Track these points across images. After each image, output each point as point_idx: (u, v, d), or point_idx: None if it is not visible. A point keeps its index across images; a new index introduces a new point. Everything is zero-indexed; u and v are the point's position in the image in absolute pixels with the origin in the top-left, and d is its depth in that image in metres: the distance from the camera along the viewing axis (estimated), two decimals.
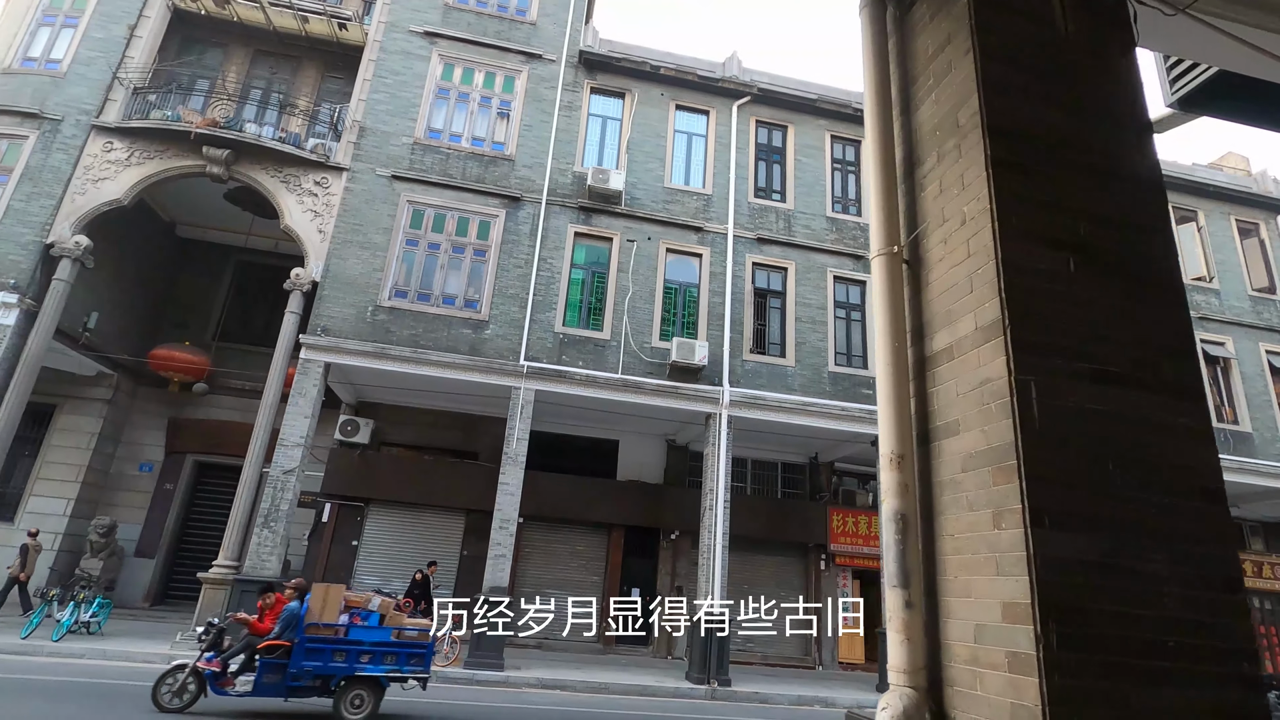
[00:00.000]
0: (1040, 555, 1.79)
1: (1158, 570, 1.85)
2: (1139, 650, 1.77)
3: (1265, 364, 17.33)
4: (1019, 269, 2.07)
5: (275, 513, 11.84)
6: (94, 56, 13.76)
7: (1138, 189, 2.29)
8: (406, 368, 13.06)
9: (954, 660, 2.03)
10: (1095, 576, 1.81)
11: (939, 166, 2.46)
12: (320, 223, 13.56)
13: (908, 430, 2.31)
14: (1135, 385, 2.03)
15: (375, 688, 7.86)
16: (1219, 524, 1.95)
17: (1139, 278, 2.17)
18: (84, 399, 15.09)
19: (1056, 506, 1.85)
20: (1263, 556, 19.31)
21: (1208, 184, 18.70)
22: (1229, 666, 1.81)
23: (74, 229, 12.71)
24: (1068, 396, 1.96)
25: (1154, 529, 1.89)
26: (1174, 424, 2.02)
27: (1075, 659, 1.72)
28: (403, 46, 15.13)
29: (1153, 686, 1.74)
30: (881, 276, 2.49)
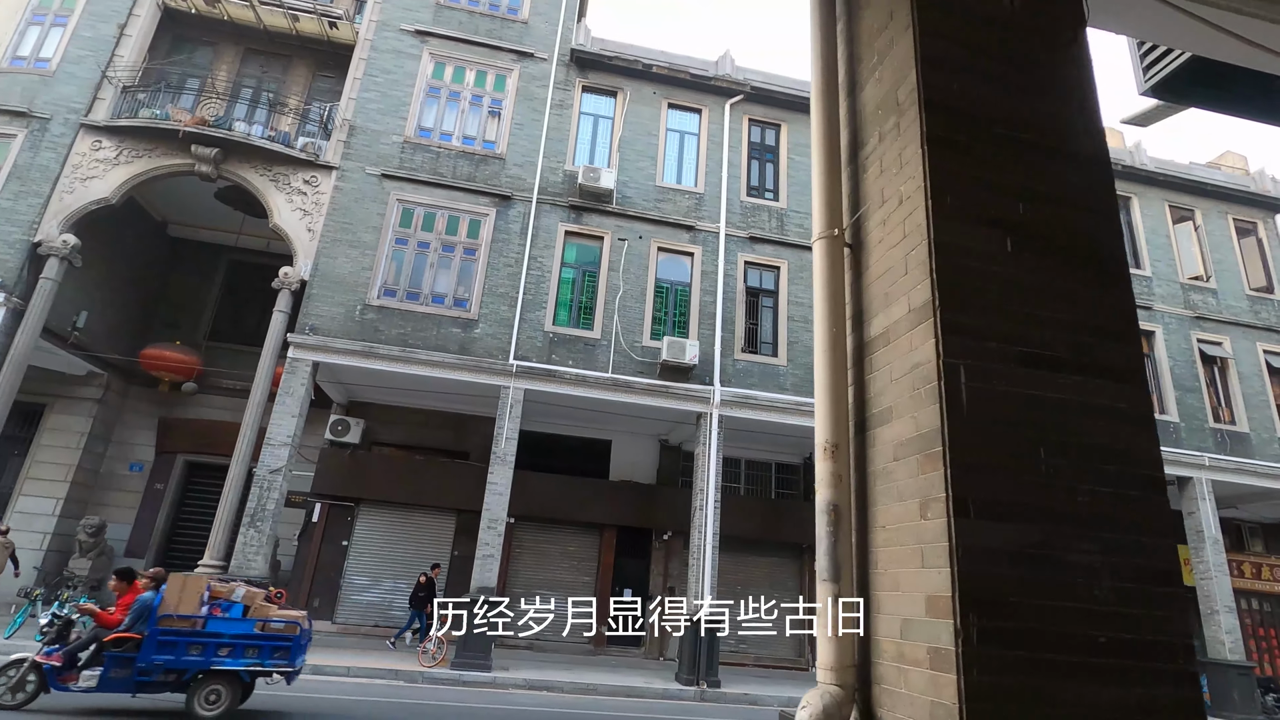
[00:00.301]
0: (962, 546, 1.71)
1: (1089, 562, 1.76)
2: (1066, 645, 1.68)
3: (1263, 364, 17.19)
4: (952, 249, 1.99)
5: (261, 512, 11.78)
6: (83, 55, 13.74)
7: (1083, 168, 2.20)
8: (395, 367, 12.99)
9: (882, 657, 1.95)
10: (1021, 568, 1.72)
11: (880, 146, 2.38)
12: (309, 221, 13.51)
13: (843, 419, 2.23)
14: (1073, 369, 1.95)
15: (235, 682, 7.48)
16: (1157, 513, 1.86)
17: (1081, 258, 2.09)
18: (74, 398, 15.04)
19: (982, 495, 1.76)
20: (1262, 558, 19.16)
21: (1205, 183, 18.57)
22: (1163, 662, 1.72)
23: (62, 227, 12.68)
24: (1000, 380, 1.88)
25: (1087, 518, 1.80)
26: (1112, 409, 1.93)
27: (996, 654, 1.64)
28: (394, 45, 15.09)
29: (1080, 683, 1.66)
30: (821, 260, 2.41)
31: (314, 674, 10.84)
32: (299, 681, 10.17)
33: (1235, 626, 14.73)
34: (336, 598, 14.71)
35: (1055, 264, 2.06)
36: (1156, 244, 17.78)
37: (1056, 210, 2.12)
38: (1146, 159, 18.42)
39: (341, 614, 14.62)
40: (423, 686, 10.90)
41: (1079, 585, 1.75)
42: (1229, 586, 15.01)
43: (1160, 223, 18.05)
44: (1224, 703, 14.27)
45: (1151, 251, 17.68)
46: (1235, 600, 17.67)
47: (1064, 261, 2.07)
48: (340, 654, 12.15)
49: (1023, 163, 2.15)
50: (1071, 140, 2.23)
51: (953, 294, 1.94)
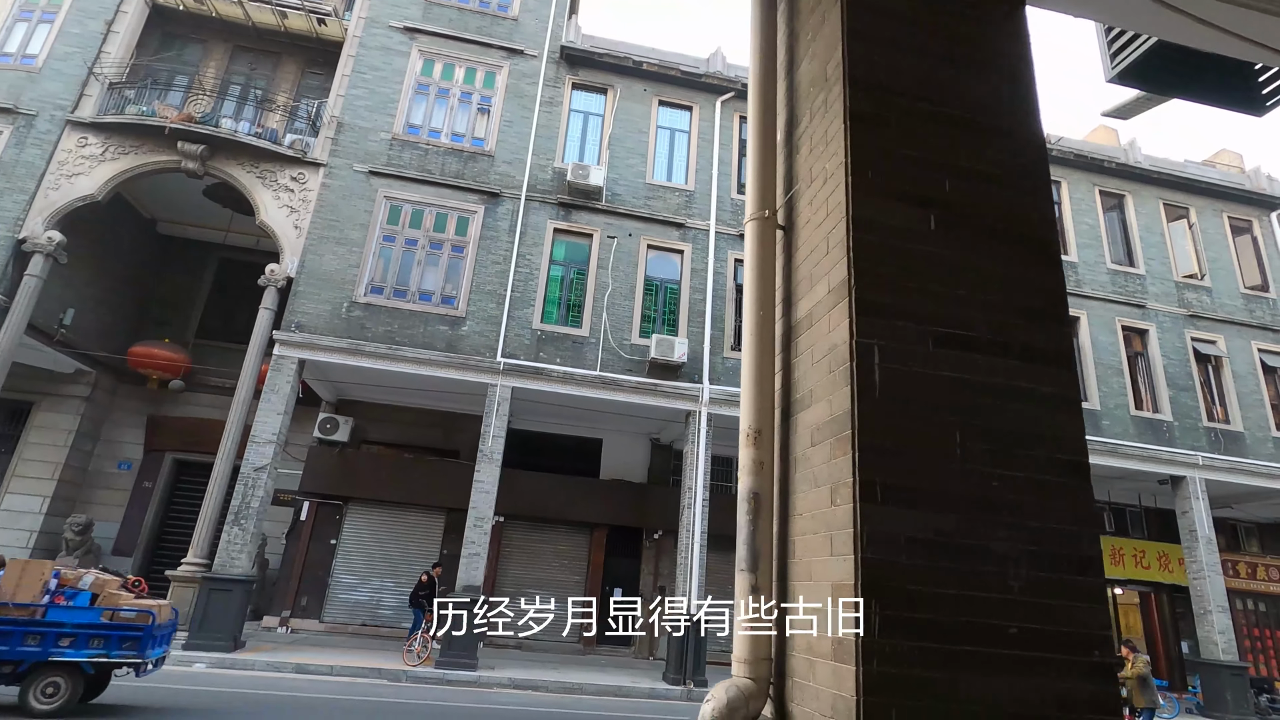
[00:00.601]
0: (867, 533, 1.64)
1: (1004, 549, 1.69)
2: (974, 636, 1.61)
3: (1258, 363, 17.09)
4: (871, 226, 1.92)
5: (246, 510, 11.71)
6: (70, 52, 13.69)
7: (1015, 146, 2.13)
8: (381, 364, 12.93)
9: (795, 649, 1.88)
10: (930, 556, 1.65)
11: (811, 124, 2.31)
12: (296, 218, 13.45)
13: (767, 404, 2.16)
14: (996, 350, 1.87)
15: (76, 675, 7.11)
16: (1078, 501, 1.79)
17: (1009, 237, 2.02)
18: (62, 396, 15.00)
19: (891, 480, 1.69)
20: (1258, 558, 19.06)
21: (1200, 180, 18.47)
22: (1078, 654, 1.65)
23: (47, 224, 12.63)
24: (917, 362, 1.81)
25: (1005, 504, 1.73)
26: (1035, 392, 1.86)
27: (898, 645, 1.57)
28: (382, 42, 15.03)
29: (986, 675, 1.59)
30: (751, 241, 2.34)
31: (297, 673, 10.81)
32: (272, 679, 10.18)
33: (1228, 626, 14.62)
34: (324, 596, 14.66)
35: (982, 242, 1.99)
36: (1150, 242, 17.69)
37: (985, 188, 2.05)
38: (1141, 156, 18.33)
39: (329, 613, 14.56)
40: (406, 686, 10.84)
41: (991, 574, 1.67)
42: (1222, 586, 14.90)
43: (1154, 221, 17.96)
44: (1217, 703, 14.18)
45: (1145, 250, 17.58)
46: (1230, 601, 17.55)
47: (991, 240, 2.00)
48: (325, 653, 12.10)
49: (951, 139, 2.08)
50: (1004, 117, 2.16)
51: (869, 272, 1.87)
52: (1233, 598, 17.94)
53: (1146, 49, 3.95)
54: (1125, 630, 18.38)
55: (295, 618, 14.38)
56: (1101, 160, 17.95)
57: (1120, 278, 17.15)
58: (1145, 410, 16.16)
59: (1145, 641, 18.36)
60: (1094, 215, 17.58)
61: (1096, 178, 17.95)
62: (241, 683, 9.76)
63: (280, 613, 14.35)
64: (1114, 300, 16.80)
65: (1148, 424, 15.90)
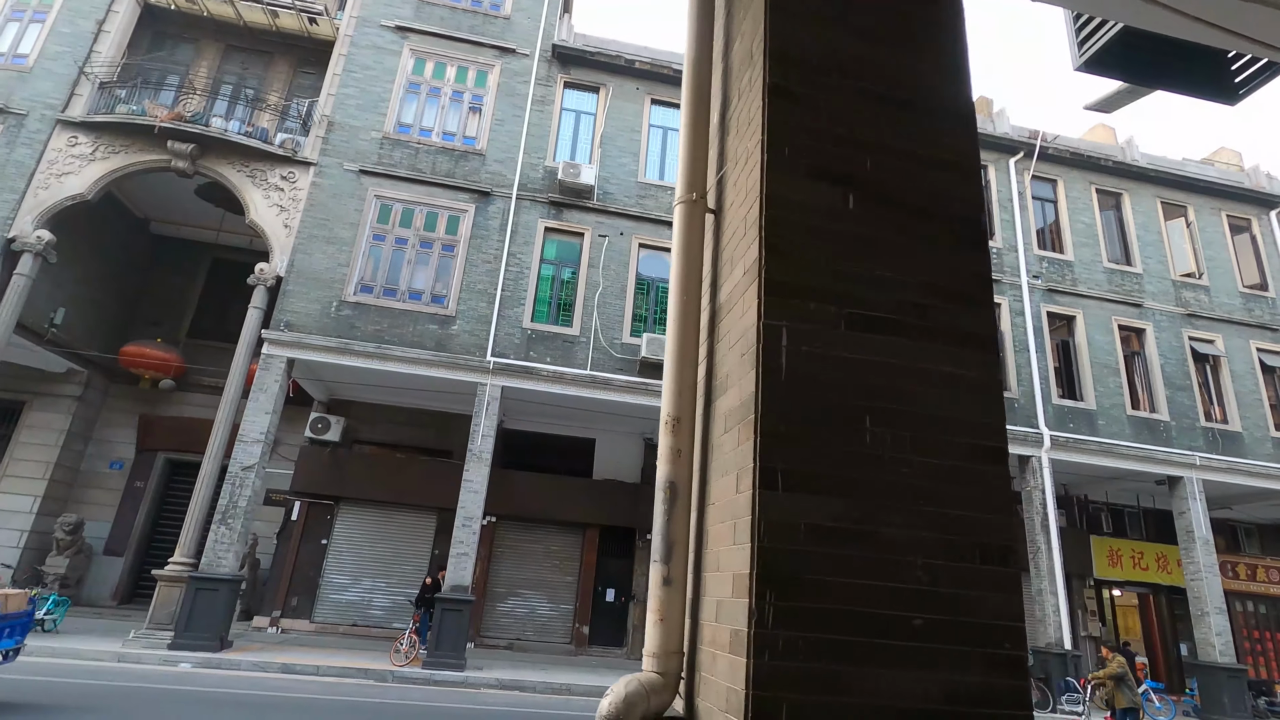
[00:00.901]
0: (766, 520, 1.57)
1: (911, 538, 1.62)
2: (876, 627, 1.54)
3: (1256, 362, 16.94)
4: (783, 205, 1.85)
5: (233, 509, 11.67)
6: (61, 51, 13.70)
7: (943, 123, 2.06)
8: (370, 363, 12.89)
9: (703, 641, 1.81)
10: (831, 544, 1.58)
11: (739, 105, 2.24)
12: (286, 217, 13.43)
13: (687, 391, 2.09)
14: (914, 332, 1.81)
15: None
16: (995, 488, 1.72)
17: (932, 217, 1.95)
18: (53, 396, 15.01)
19: (794, 466, 1.63)
20: (1257, 559, 18.89)
21: (1198, 179, 18.34)
22: (988, 647, 1.58)
23: (36, 223, 12.63)
24: (827, 344, 1.74)
25: (915, 491, 1.66)
26: (955, 376, 1.79)
27: (793, 637, 1.50)
28: (374, 41, 15.01)
29: (888, 668, 1.52)
30: (678, 225, 2.27)
31: (283, 673, 10.76)
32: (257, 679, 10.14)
33: (1226, 628, 14.48)
34: (315, 597, 14.61)
35: (904, 222, 1.92)
36: (1148, 241, 17.56)
37: (909, 166, 1.98)
38: (1138, 155, 18.20)
39: (319, 613, 14.52)
40: (391, 686, 10.78)
41: (898, 563, 1.60)
42: (1219, 587, 14.75)
43: (1152, 219, 17.83)
44: (1214, 706, 14.04)
45: (1143, 248, 17.45)
46: (1230, 602, 17.41)
47: (914, 219, 1.93)
48: (313, 653, 12.06)
49: (875, 116, 2.01)
50: (931, 94, 2.09)
51: (780, 252, 1.81)
52: (1232, 599, 17.79)
53: (1113, 35, 3.88)
54: (1124, 632, 18.23)
55: (286, 618, 14.34)
56: (1098, 158, 17.83)
57: (1117, 276, 17.03)
58: (1142, 410, 16.03)
59: (1143, 644, 18.21)
60: (1090, 214, 17.46)
61: (1093, 176, 17.84)
62: (225, 683, 9.72)
63: (271, 613, 14.31)
64: (1110, 299, 16.68)
65: (1144, 424, 15.77)
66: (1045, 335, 16.06)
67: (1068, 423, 15.36)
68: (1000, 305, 16.13)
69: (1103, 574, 17.59)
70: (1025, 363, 15.62)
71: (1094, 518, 18.31)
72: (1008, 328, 15.93)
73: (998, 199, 17.06)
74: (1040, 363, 15.67)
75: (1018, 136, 17.52)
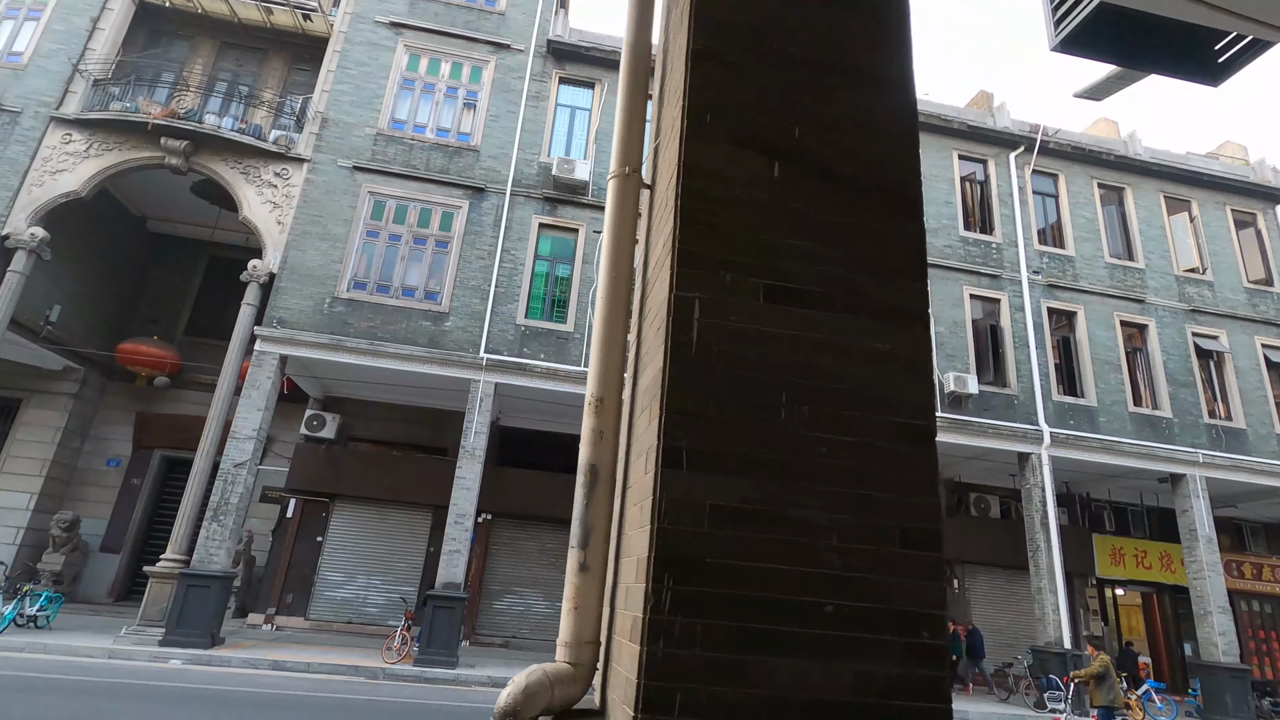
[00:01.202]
0: (666, 500, 1.48)
1: (825, 521, 1.53)
2: (782, 614, 1.45)
3: (1261, 358, 16.71)
4: (702, 174, 1.76)
5: (225, 506, 11.65)
6: (55, 49, 13.72)
7: (879, 91, 1.97)
8: (363, 360, 12.86)
9: (616, 630, 1.73)
10: (737, 527, 1.49)
11: (671, 73, 2.16)
12: (279, 214, 13.41)
13: (613, 370, 2.01)
14: (839, 306, 1.71)
15: None
16: (919, 469, 1.62)
17: (865, 187, 1.85)
18: (50, 393, 15.04)
19: (700, 445, 1.54)
20: (1263, 558, 18.66)
21: (1202, 173, 18.11)
22: (905, 635, 1.49)
23: (30, 220, 12.64)
24: (743, 317, 1.65)
25: (831, 472, 1.57)
26: (881, 352, 1.70)
27: (690, 624, 1.41)
28: (368, 37, 14.97)
29: (794, 657, 1.43)
30: (611, 199, 2.19)
31: (273, 670, 10.73)
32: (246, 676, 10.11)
33: (1229, 628, 14.28)
34: (310, 594, 14.61)
35: (831, 192, 1.83)
36: (1150, 236, 17.35)
37: (841, 135, 1.89)
38: (1141, 149, 17.99)
39: (314, 610, 14.51)
40: (382, 683, 10.73)
41: (809, 547, 1.51)
42: (1223, 586, 14.56)
43: (1155, 214, 17.62)
44: (1216, 706, 13.85)
45: (1145, 243, 17.25)
46: (1234, 602, 17.21)
47: (844, 190, 1.84)
48: (306, 650, 12.02)
49: (806, 83, 1.92)
50: (866, 59, 1.99)
51: (696, 222, 1.72)
52: (1237, 599, 17.58)
53: (1090, 12, 3.75)
54: (1127, 632, 18.05)
55: (281, 615, 14.34)
56: (1100, 152, 17.63)
57: (1119, 272, 16.84)
58: (1144, 407, 15.84)
59: (1147, 643, 18.02)
60: (1092, 209, 17.27)
61: (1095, 170, 17.64)
62: (214, 679, 9.69)
63: (266, 610, 14.31)
64: (1112, 295, 16.49)
65: (1146, 420, 15.58)
66: (1046, 331, 15.89)
67: (1068, 420, 15.19)
68: (1000, 301, 15.98)
69: (1105, 573, 17.41)
70: (1025, 359, 15.45)
71: (1096, 516, 18.12)
72: (1008, 324, 15.77)
73: (997, 194, 16.90)
74: (1040, 359, 15.50)
75: (1018, 131, 17.34)
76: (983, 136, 17.25)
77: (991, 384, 15.24)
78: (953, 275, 15.84)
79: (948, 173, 16.78)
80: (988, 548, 16.87)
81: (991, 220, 16.74)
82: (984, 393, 14.93)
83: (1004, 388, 15.29)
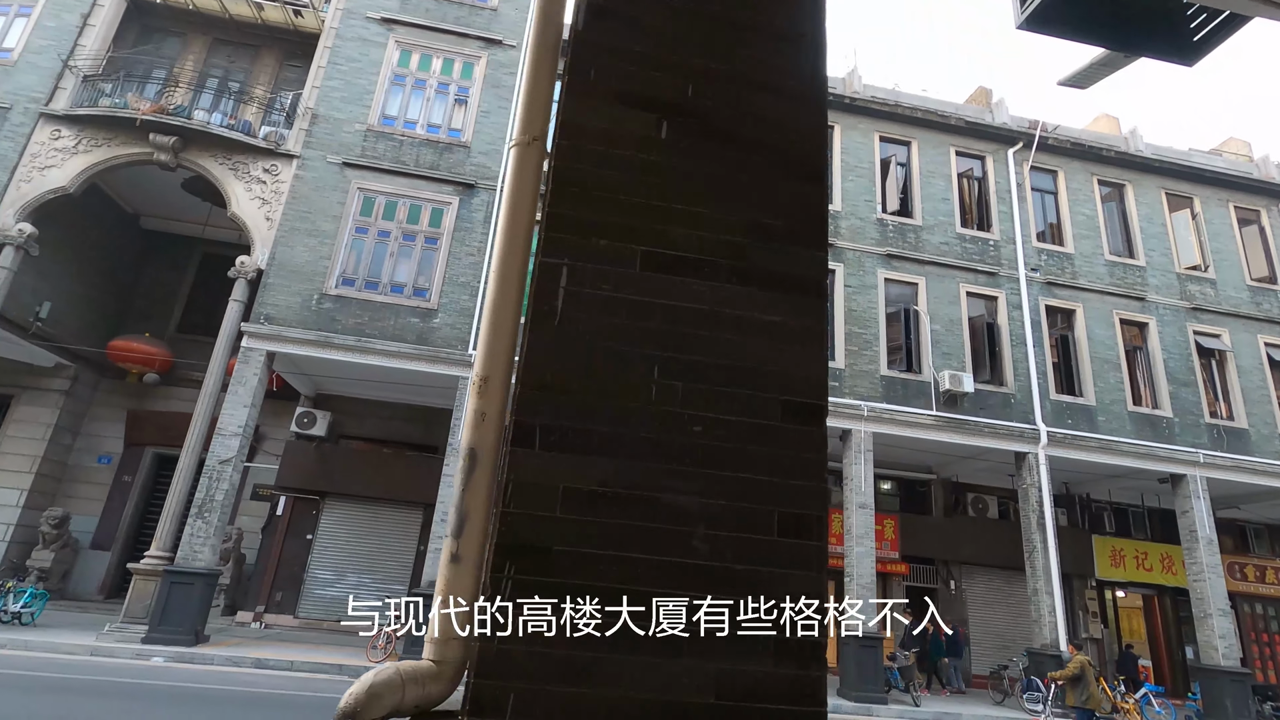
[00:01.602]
0: (514, 482, 1.36)
1: (694, 505, 1.40)
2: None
3: (1264, 357, 16.45)
4: (581, 132, 1.64)
5: (210, 503, 11.58)
6: (45, 45, 13.70)
7: (784, 48, 1.83)
8: (350, 356, 12.77)
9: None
10: (593, 511, 1.36)
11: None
12: (268, 210, 13.34)
13: (501, 348, 1.87)
14: (726, 274, 1.58)
15: None
16: (806, 451, 1.49)
17: (764, 149, 1.72)
18: (41, 390, 15.03)
19: (557, 421, 1.41)
20: (1266, 560, 18.38)
21: (1205, 170, 17.85)
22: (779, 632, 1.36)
23: (18, 216, 12.61)
24: (615, 285, 1.52)
25: (705, 452, 1.44)
26: (769, 323, 1.57)
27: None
28: (359, 33, 14.90)
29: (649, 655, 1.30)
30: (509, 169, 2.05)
31: (255, 668, 10.64)
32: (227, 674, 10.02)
33: (1230, 631, 14.04)
34: (299, 592, 14.54)
35: (726, 154, 1.69)
36: (1151, 233, 17.11)
37: (741, 94, 1.76)
38: (1142, 145, 17.75)
39: (304, 608, 14.44)
40: None
41: (676, 534, 1.38)
42: (1223, 589, 14.31)
43: (1156, 211, 17.37)
44: (1217, 711, 13.60)
45: (1146, 241, 17.01)
46: (1237, 605, 16.96)
47: (741, 152, 1.71)
48: (291, 648, 11.94)
49: (704, 38, 1.79)
50: (774, 15, 1.86)
51: (570, 184, 1.59)
52: (1240, 601, 17.32)
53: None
54: (1128, 634, 17.79)
55: (270, 613, 14.27)
56: (1100, 149, 17.41)
57: (1119, 269, 16.61)
58: (1144, 406, 15.61)
59: (1148, 646, 17.77)
60: (1092, 205, 17.05)
61: (1095, 167, 17.41)
62: (195, 677, 9.61)
63: (255, 608, 14.24)
64: (1112, 292, 16.26)
65: (1146, 420, 15.35)
66: (1044, 329, 15.68)
67: (1066, 419, 14.97)
68: (997, 299, 15.77)
69: (1105, 574, 17.17)
70: (1022, 357, 15.24)
71: (1096, 517, 17.88)
72: (1005, 322, 15.57)
73: (995, 190, 16.70)
74: (1038, 357, 15.29)
75: (1017, 127, 17.14)
76: (981, 133, 17.06)
77: (988, 383, 15.04)
78: (949, 272, 15.66)
79: (944, 169, 16.59)
80: (985, 548, 16.67)
81: (989, 217, 16.54)
82: (980, 391, 14.73)
83: (1001, 386, 15.08)
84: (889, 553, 16.08)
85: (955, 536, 16.72)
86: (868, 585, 13.28)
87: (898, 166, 16.53)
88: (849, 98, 16.58)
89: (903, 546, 16.22)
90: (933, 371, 14.71)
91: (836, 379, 14.49)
